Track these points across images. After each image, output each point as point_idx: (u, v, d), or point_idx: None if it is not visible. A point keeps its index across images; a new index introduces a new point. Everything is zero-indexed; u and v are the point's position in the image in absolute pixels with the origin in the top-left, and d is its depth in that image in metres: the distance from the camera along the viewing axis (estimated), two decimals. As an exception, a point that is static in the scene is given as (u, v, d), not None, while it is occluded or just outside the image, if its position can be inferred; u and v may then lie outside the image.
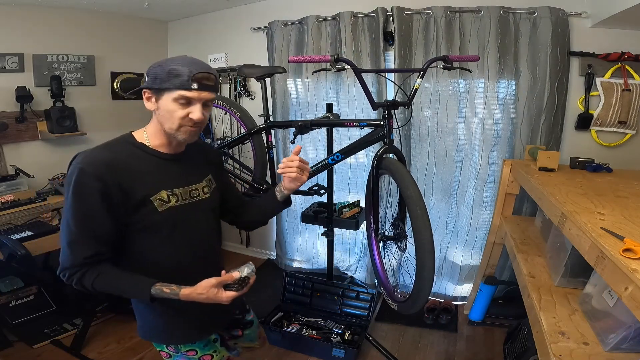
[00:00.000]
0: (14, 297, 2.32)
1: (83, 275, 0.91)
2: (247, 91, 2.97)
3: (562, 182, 1.55)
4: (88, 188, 0.88)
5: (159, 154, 1.00)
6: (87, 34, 2.75)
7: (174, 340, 1.11)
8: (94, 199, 0.88)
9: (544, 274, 1.48)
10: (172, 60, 0.92)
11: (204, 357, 1.14)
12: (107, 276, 0.92)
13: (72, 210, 0.89)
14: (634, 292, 0.76)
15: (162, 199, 0.97)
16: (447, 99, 2.27)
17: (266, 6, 2.75)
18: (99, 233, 0.91)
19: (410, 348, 2.17)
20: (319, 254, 2.93)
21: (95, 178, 0.88)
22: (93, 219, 0.90)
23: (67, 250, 0.90)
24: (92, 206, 0.89)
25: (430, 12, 2.18)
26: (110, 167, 0.90)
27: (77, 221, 0.89)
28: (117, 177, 0.90)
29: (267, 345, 2.19)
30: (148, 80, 0.94)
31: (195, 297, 0.92)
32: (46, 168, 2.56)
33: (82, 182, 0.88)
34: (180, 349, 1.12)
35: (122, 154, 0.95)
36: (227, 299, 0.94)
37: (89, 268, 0.91)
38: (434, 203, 2.48)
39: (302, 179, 1.13)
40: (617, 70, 1.99)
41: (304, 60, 1.48)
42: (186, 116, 0.93)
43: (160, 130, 0.98)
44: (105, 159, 0.91)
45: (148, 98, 0.95)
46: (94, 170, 0.88)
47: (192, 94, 0.90)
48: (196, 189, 1.06)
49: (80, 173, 0.87)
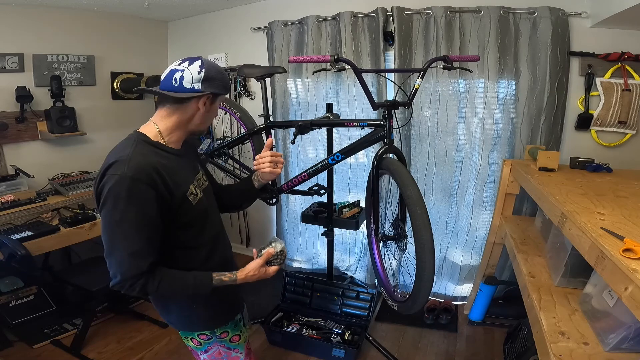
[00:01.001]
0: (14, 297, 2.32)
1: (147, 281, 0.92)
2: (247, 91, 2.97)
3: (562, 182, 1.55)
4: (144, 196, 0.90)
5: (173, 151, 1.03)
6: (87, 34, 2.75)
7: (215, 324, 1.17)
8: (151, 206, 0.91)
9: (544, 274, 1.48)
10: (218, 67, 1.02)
11: (233, 337, 1.22)
12: (168, 278, 0.96)
13: (131, 219, 0.89)
14: (634, 292, 0.76)
15: (193, 193, 1.03)
16: (447, 99, 2.27)
17: (266, 6, 2.75)
18: (157, 238, 0.94)
19: (410, 348, 2.17)
20: (319, 254, 2.93)
21: (149, 185, 0.90)
22: (152, 225, 0.92)
23: (130, 260, 0.90)
24: (150, 213, 0.91)
25: (430, 12, 2.18)
26: (157, 171, 0.92)
27: (137, 230, 0.90)
28: (163, 180, 0.93)
29: (267, 345, 2.19)
30: (214, 86, 0.98)
31: (249, 279, 1.05)
32: (46, 168, 2.56)
33: (138, 190, 0.89)
34: (216, 332, 1.18)
35: (155, 156, 0.96)
36: (273, 273, 1.09)
37: (151, 275, 0.93)
38: (434, 203, 2.48)
39: (275, 172, 1.22)
40: (617, 70, 1.99)
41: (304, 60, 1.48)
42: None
43: (180, 128, 1.02)
44: (150, 163, 0.92)
45: (204, 103, 1.00)
46: (146, 178, 0.90)
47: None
48: (199, 178, 1.12)
49: (133, 181, 0.88)
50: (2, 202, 2.18)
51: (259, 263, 1.05)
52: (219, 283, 1.01)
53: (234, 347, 1.23)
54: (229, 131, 2.90)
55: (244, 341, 1.25)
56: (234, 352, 1.23)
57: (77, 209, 2.40)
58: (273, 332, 2.17)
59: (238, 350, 1.24)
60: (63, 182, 2.50)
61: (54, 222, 2.26)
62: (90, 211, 2.37)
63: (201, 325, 1.16)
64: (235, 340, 1.22)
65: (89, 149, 2.85)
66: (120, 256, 0.90)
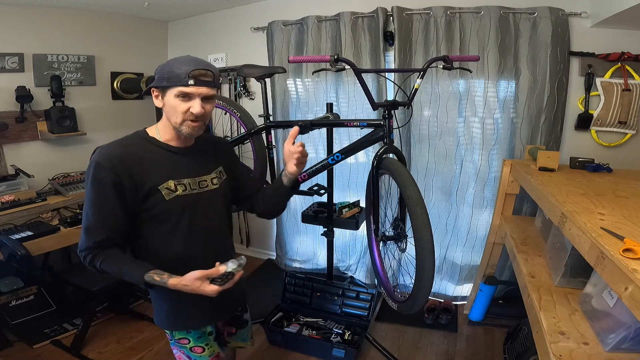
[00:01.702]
0: (14, 297, 2.32)
1: (94, 257, 0.99)
2: (247, 91, 2.97)
3: (562, 182, 1.55)
4: (103, 180, 0.97)
5: (168, 147, 1.08)
6: (87, 34, 2.75)
7: (170, 326, 1.17)
8: (108, 190, 0.97)
9: (544, 274, 1.48)
10: (174, 60, 1.01)
11: (195, 347, 1.19)
12: (112, 259, 1.00)
13: (89, 199, 0.99)
14: (634, 292, 0.76)
15: (169, 188, 1.04)
16: (447, 99, 2.27)
17: (266, 6, 2.75)
18: (110, 220, 0.99)
19: (410, 348, 2.17)
20: (319, 254, 2.93)
21: (109, 171, 0.97)
22: (106, 207, 0.98)
23: (84, 234, 1.00)
24: (106, 196, 0.98)
25: (430, 12, 2.18)
26: (123, 160, 0.99)
27: (93, 209, 0.99)
28: (128, 170, 0.99)
29: (267, 345, 2.19)
30: (155, 79, 1.02)
31: (181, 288, 0.96)
32: (46, 168, 2.56)
33: (98, 174, 0.97)
34: (175, 335, 1.18)
35: (134, 148, 1.04)
36: (211, 292, 0.95)
37: (100, 251, 0.99)
38: (434, 203, 2.48)
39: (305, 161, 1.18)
40: (617, 70, 1.99)
41: (304, 60, 1.48)
42: (187, 110, 1.00)
43: (169, 125, 1.05)
44: (119, 153, 1.00)
45: (156, 96, 1.04)
46: (109, 164, 0.97)
47: (190, 90, 0.98)
48: (205, 180, 1.12)
49: (96, 166, 0.97)
50: (2, 202, 2.18)
51: (196, 275, 0.94)
52: (150, 280, 0.96)
53: (194, 357, 1.19)
54: (229, 131, 2.90)
55: (208, 355, 1.20)
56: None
57: (77, 209, 2.40)
58: (273, 332, 2.17)
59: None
60: (63, 182, 2.50)
61: (54, 222, 2.26)
62: (90, 211, 2.37)
63: (163, 319, 1.17)
64: (196, 351, 1.19)
65: (89, 149, 2.83)
66: (82, 229, 1.01)
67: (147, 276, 0.96)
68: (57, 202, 2.36)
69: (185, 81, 0.97)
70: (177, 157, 1.08)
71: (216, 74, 1.03)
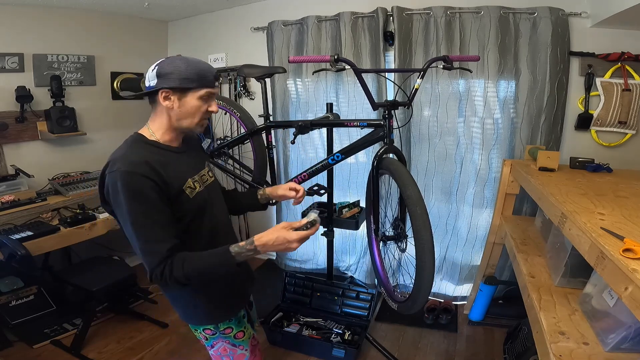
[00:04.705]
0: (14, 297, 2.32)
1: (172, 267, 0.93)
2: (247, 91, 2.97)
3: (562, 182, 1.55)
4: (141, 186, 0.92)
5: (170, 148, 1.07)
6: (87, 34, 2.75)
7: (216, 319, 1.18)
8: (150, 194, 0.93)
9: (544, 274, 1.48)
10: (194, 61, 1.00)
11: (238, 334, 1.23)
12: (191, 259, 0.95)
13: (135, 212, 0.92)
14: (634, 292, 0.76)
15: (190, 187, 1.05)
16: (447, 99, 2.27)
17: (266, 6, 2.75)
18: (166, 223, 0.96)
19: (410, 348, 2.17)
20: (319, 254, 2.93)
21: (144, 176, 0.92)
22: (156, 212, 0.94)
23: (148, 250, 0.93)
24: (150, 201, 0.93)
25: (430, 12, 2.18)
26: (149, 164, 0.95)
27: (145, 220, 0.93)
28: (156, 172, 0.95)
29: (267, 345, 2.19)
30: (169, 80, 0.97)
31: (268, 241, 0.96)
32: (46, 168, 2.56)
33: (134, 183, 0.92)
34: (219, 327, 1.19)
35: (146, 153, 0.99)
36: (297, 238, 0.95)
37: (173, 259, 0.94)
38: (434, 203, 2.48)
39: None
40: (617, 70, 1.99)
41: (304, 60, 1.48)
42: (206, 110, 1.03)
43: (170, 127, 1.04)
44: (141, 157, 0.96)
45: (166, 97, 0.99)
46: (139, 170, 0.93)
47: (216, 90, 1.03)
48: (204, 174, 1.15)
49: (128, 177, 0.91)
50: (2, 202, 2.18)
51: (281, 225, 0.98)
52: (237, 252, 0.96)
53: (238, 343, 1.23)
54: (229, 131, 2.90)
55: (248, 338, 1.26)
56: (239, 350, 1.24)
57: (77, 209, 2.40)
58: (273, 332, 2.17)
59: (243, 347, 1.25)
60: (63, 182, 2.50)
61: (54, 222, 2.26)
62: (90, 211, 2.37)
63: (204, 319, 1.18)
64: (239, 337, 1.23)
65: (89, 149, 2.85)
66: (142, 248, 0.94)
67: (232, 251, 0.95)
68: (57, 202, 2.36)
69: (213, 82, 1.01)
70: (180, 157, 1.08)
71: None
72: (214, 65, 3.02)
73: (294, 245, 0.96)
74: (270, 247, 0.96)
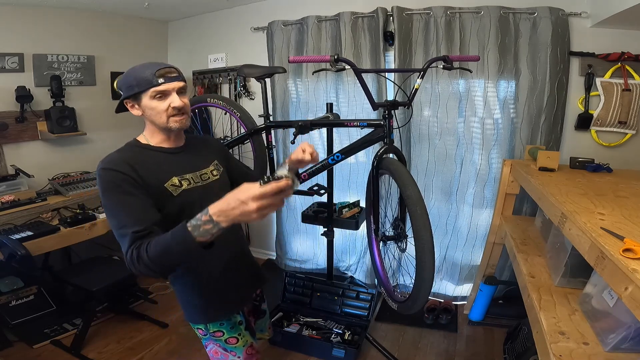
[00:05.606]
0: (14, 297, 2.32)
1: (139, 250, 0.89)
2: (247, 91, 2.97)
3: (562, 182, 1.55)
4: (113, 179, 0.97)
5: (162, 149, 1.11)
6: (87, 34, 2.75)
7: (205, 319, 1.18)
8: (121, 185, 0.97)
9: (544, 274, 1.48)
10: (133, 69, 1.05)
11: (229, 339, 1.21)
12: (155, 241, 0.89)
13: (110, 203, 0.97)
14: (634, 292, 0.76)
15: (174, 184, 1.06)
16: (447, 99, 2.27)
17: (266, 6, 2.75)
18: (139, 210, 0.97)
19: (410, 348, 2.17)
20: (319, 254, 2.93)
21: (116, 171, 0.98)
22: (128, 200, 0.97)
23: (121, 236, 0.94)
24: (122, 191, 0.97)
25: (430, 12, 2.18)
26: (125, 160, 1.01)
27: (118, 208, 0.96)
28: (131, 167, 1.00)
29: (267, 345, 2.19)
30: (124, 90, 1.05)
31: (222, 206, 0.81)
32: (46, 168, 2.56)
33: (107, 177, 0.98)
34: (209, 329, 1.19)
35: (133, 153, 1.06)
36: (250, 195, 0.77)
37: (141, 242, 0.90)
38: (434, 203, 2.48)
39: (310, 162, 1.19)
40: (617, 70, 1.99)
41: (304, 61, 1.48)
42: (168, 107, 1.04)
43: (155, 129, 1.09)
44: (121, 156, 1.03)
45: (132, 107, 1.07)
46: (114, 166, 0.99)
47: (163, 87, 1.02)
48: (205, 172, 1.16)
49: (103, 172, 0.98)
50: (2, 202, 2.18)
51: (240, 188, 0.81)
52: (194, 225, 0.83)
53: (230, 349, 1.21)
54: (229, 131, 2.90)
55: (242, 345, 1.22)
56: (231, 355, 1.22)
57: (77, 209, 2.40)
58: (273, 332, 2.17)
59: (235, 354, 1.22)
60: (63, 182, 2.50)
61: (54, 222, 2.26)
62: (90, 211, 2.37)
63: (196, 316, 1.19)
64: (232, 342, 1.21)
65: (89, 149, 2.85)
66: (117, 235, 0.96)
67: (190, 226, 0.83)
68: (57, 202, 2.36)
69: (156, 81, 1.01)
70: (173, 156, 1.11)
71: (179, 70, 1.08)
72: (214, 65, 3.03)
73: (251, 206, 0.77)
74: (227, 213, 0.80)
